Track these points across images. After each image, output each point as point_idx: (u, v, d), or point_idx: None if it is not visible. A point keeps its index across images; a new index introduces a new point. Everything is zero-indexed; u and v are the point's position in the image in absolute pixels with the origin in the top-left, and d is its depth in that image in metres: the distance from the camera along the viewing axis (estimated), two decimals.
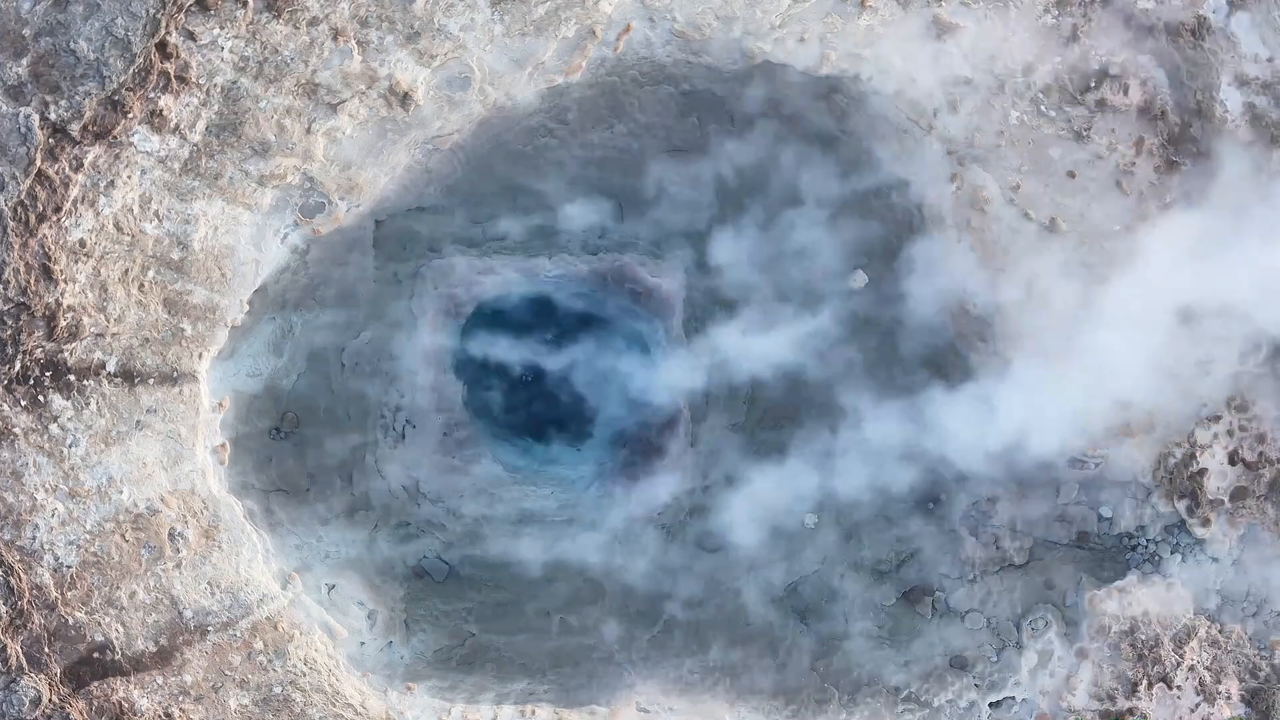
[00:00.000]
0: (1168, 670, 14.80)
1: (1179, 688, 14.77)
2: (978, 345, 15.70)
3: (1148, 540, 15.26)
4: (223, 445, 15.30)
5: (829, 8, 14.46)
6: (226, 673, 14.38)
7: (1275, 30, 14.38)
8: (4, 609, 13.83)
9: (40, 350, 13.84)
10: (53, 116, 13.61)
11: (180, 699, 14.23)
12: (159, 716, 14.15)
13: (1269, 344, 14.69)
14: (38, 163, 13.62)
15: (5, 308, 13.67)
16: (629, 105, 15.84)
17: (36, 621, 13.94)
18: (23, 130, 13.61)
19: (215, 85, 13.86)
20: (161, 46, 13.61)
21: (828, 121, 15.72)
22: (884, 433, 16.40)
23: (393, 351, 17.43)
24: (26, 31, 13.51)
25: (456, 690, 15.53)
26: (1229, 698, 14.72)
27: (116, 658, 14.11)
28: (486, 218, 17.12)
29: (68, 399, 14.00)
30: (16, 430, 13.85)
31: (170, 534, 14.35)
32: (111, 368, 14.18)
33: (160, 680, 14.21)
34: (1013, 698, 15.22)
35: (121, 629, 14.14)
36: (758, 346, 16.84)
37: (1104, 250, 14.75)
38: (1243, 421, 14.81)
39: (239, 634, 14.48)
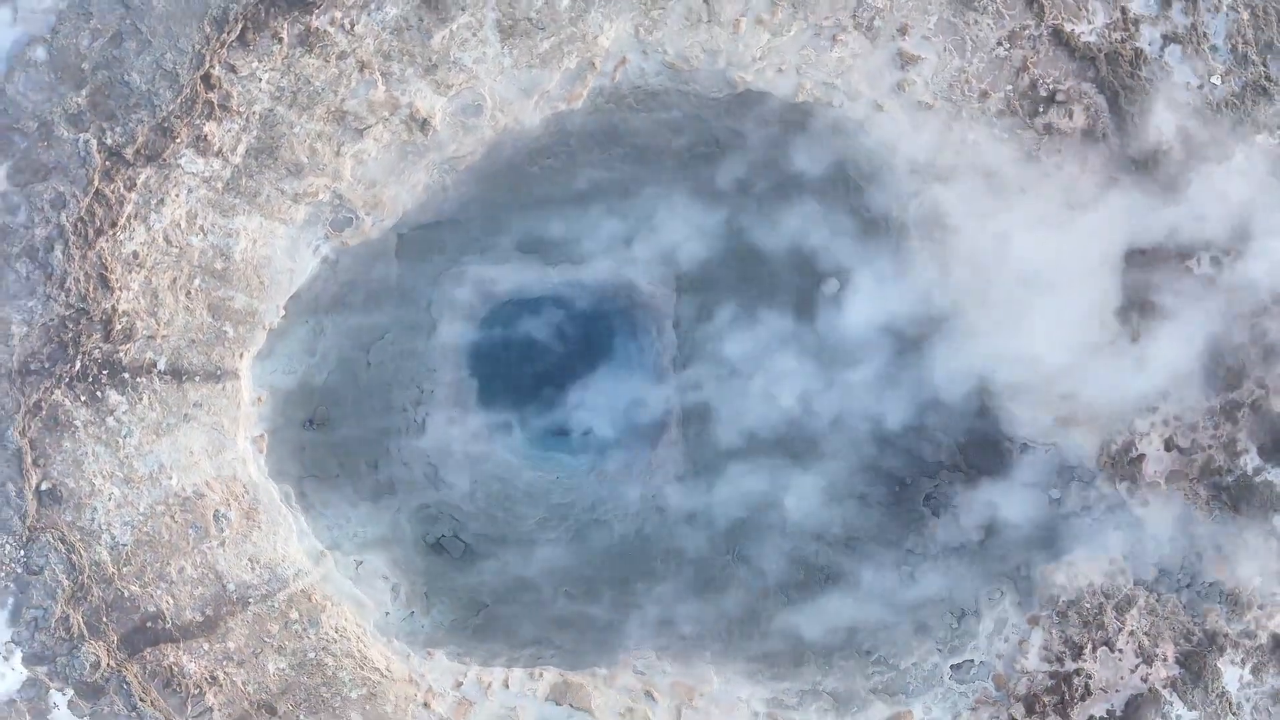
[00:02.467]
0: (1110, 635, 14.71)
1: (1120, 651, 14.69)
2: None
3: (1093, 519, 15.07)
4: (261, 436, 15.26)
5: (804, 41, 14.36)
6: (266, 640, 14.37)
7: (1204, 60, 14.35)
8: (66, 583, 13.93)
9: (98, 351, 13.91)
10: (109, 141, 13.70)
11: (224, 663, 14.26)
12: (205, 679, 14.19)
13: (1201, 340, 14.56)
14: (96, 183, 13.71)
15: (67, 313, 13.77)
16: (624, 129, 15.72)
17: (95, 594, 14.03)
18: (82, 154, 13.72)
19: (254, 113, 13.91)
20: (206, 78, 13.71)
21: (804, 143, 15.52)
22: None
23: (414, 351, 17.39)
24: (85, 65, 13.67)
25: (472, 655, 15.45)
26: (1165, 659, 14.65)
27: (167, 626, 14.18)
28: (497, 230, 17.08)
29: (123, 394, 14.04)
30: (77, 423, 13.91)
31: (215, 515, 14.36)
32: (162, 366, 14.19)
33: (206, 646, 14.24)
34: (971, 660, 15.10)
35: (171, 600, 14.19)
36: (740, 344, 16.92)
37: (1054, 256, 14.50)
38: (1176, 412, 14.68)
39: (277, 605, 14.48)
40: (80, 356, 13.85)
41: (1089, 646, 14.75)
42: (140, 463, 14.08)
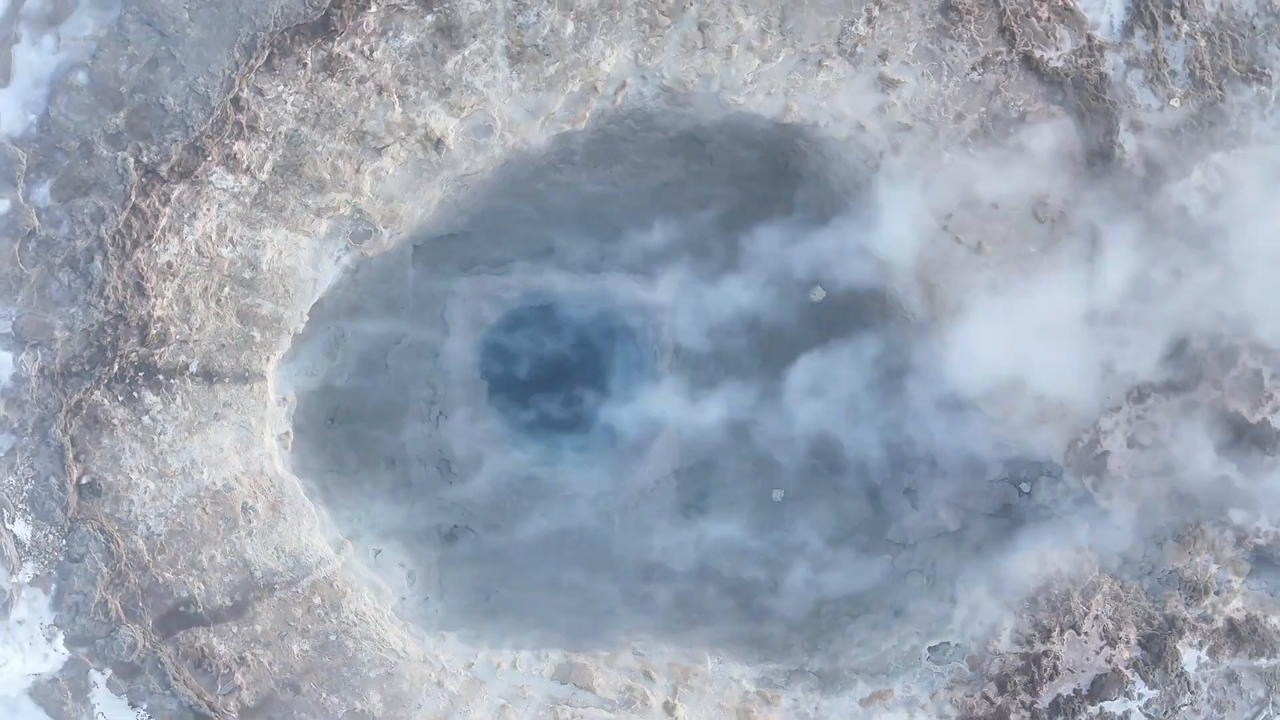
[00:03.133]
0: (1077, 619, 14.87)
1: (1086, 634, 14.85)
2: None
3: (1061, 511, 15.32)
4: (287, 433, 15.44)
5: (792, 67, 14.49)
6: (290, 623, 14.55)
7: (1164, 84, 14.57)
8: (105, 570, 14.12)
9: (135, 354, 14.12)
10: (145, 159, 13.87)
11: (252, 645, 14.44)
12: (234, 660, 14.36)
13: (1161, 346, 14.83)
14: (133, 198, 13.87)
15: (106, 319, 13.97)
16: (625, 149, 15.82)
17: (132, 581, 14.22)
18: (120, 171, 13.90)
19: (280, 133, 14.08)
20: (235, 101, 13.88)
21: (791, 161, 15.79)
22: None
23: (429, 354, 17.47)
24: (123, 89, 13.87)
25: (482, 637, 15.61)
26: (1128, 642, 14.83)
27: (199, 611, 14.36)
28: (506, 242, 17.16)
29: (157, 395, 14.24)
30: (115, 421, 14.13)
31: (243, 507, 14.52)
32: (194, 368, 14.37)
33: (235, 630, 14.42)
34: (947, 643, 15.26)
35: (203, 587, 14.38)
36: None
37: (1023, 268, 14.80)
38: (1139, 412, 14.96)
39: (301, 591, 14.64)
40: (118, 359, 14.06)
41: (1057, 630, 14.92)
42: (174, 458, 14.27)
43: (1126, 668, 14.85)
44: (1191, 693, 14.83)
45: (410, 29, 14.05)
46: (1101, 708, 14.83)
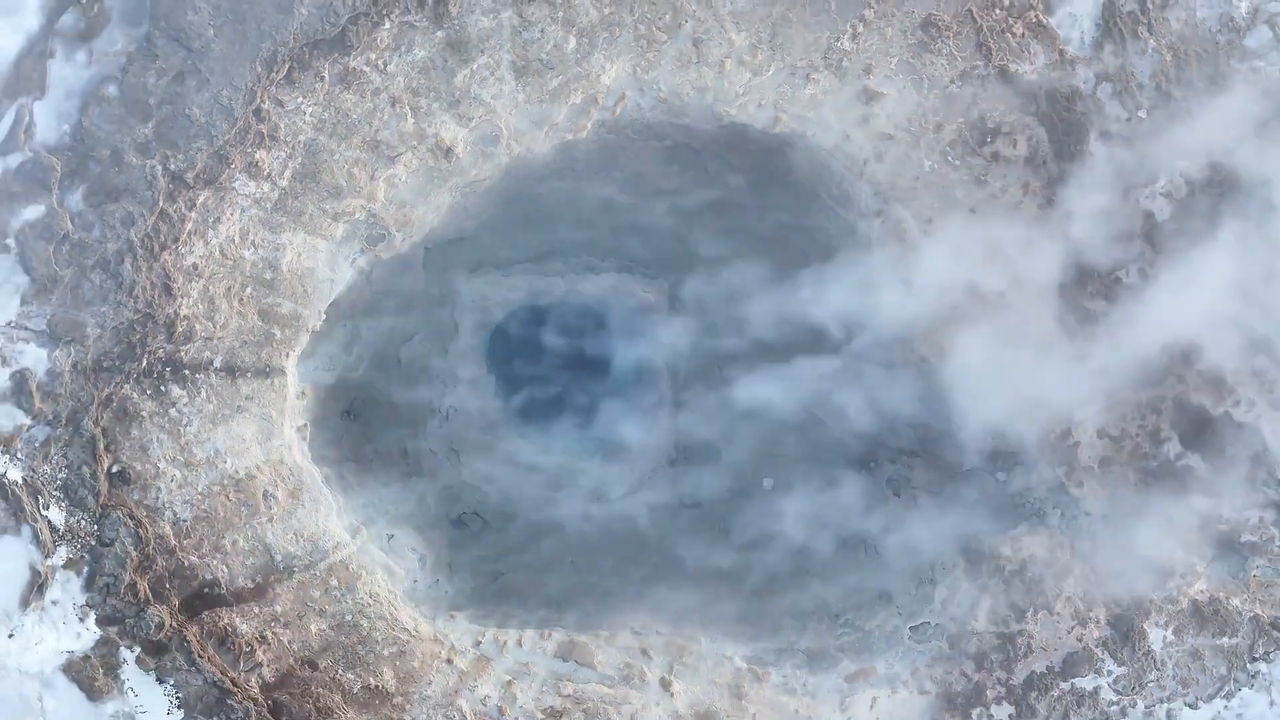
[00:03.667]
0: (1050, 600, 15.11)
1: (1059, 614, 15.08)
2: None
3: (1035, 498, 15.53)
4: (305, 425, 15.65)
5: (781, 80, 14.76)
6: (308, 604, 14.75)
7: (1132, 96, 14.87)
8: (134, 553, 14.34)
9: (162, 350, 14.38)
10: (172, 167, 14.16)
11: (272, 624, 14.65)
12: (256, 638, 14.58)
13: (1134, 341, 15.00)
14: (160, 203, 14.13)
15: (135, 317, 14.24)
16: (624, 157, 16.06)
17: (159, 564, 14.44)
18: (149, 178, 14.17)
19: (299, 142, 14.34)
20: (257, 112, 14.15)
21: (781, 168, 15.99)
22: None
23: (439, 351, 17.70)
24: (151, 100, 14.17)
25: (490, 618, 15.79)
26: (1098, 622, 15.06)
27: (222, 592, 14.56)
28: (512, 245, 17.38)
29: (183, 389, 14.47)
30: (144, 414, 14.38)
31: (264, 495, 14.74)
32: (218, 364, 14.60)
33: (256, 610, 14.62)
34: (928, 623, 15.47)
35: (226, 569, 14.60)
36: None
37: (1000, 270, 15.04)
38: (1108, 405, 15.18)
39: (318, 574, 14.85)
40: (147, 355, 14.30)
41: (1031, 610, 15.19)
42: (199, 448, 14.49)
43: (1096, 646, 15.10)
44: (1158, 670, 15.09)
45: (422, 44, 14.31)
46: (1073, 684, 15.07)
